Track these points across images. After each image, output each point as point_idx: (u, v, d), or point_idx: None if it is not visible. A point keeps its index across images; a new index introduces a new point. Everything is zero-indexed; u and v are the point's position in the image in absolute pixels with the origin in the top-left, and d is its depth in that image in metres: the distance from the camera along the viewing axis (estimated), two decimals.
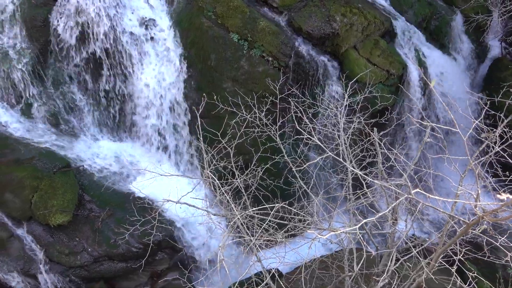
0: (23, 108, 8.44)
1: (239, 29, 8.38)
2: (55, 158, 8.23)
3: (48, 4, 8.13)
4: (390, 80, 8.96)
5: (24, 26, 8.06)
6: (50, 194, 7.90)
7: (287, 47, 8.46)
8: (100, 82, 8.59)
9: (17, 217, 7.92)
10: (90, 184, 8.37)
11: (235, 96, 8.10)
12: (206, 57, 8.48)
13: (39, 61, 8.27)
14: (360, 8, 8.84)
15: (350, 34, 8.73)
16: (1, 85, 8.20)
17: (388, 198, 5.03)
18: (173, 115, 8.64)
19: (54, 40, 8.22)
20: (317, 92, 8.30)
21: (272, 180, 6.44)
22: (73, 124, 8.82)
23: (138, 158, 8.85)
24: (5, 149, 8.00)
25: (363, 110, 6.48)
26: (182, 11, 8.52)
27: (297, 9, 8.76)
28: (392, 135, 8.42)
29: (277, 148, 6.13)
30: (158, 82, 8.46)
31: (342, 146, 5.59)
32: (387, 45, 9.06)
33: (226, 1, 8.39)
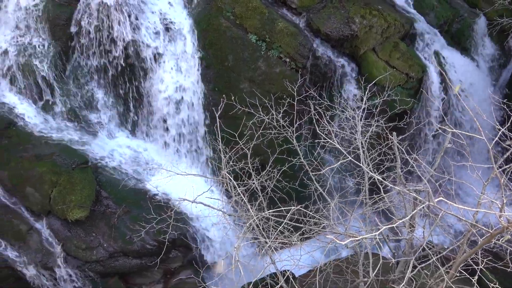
0: (44, 104, 8.62)
1: (258, 30, 8.40)
2: (74, 154, 8.38)
3: (72, 3, 8.29)
4: (409, 83, 8.84)
5: (48, 25, 8.25)
6: (69, 189, 8.06)
7: (305, 49, 8.43)
8: (119, 80, 8.72)
9: (37, 211, 8.10)
10: (107, 180, 8.50)
11: (252, 97, 8.12)
12: (223, 58, 8.52)
13: (61, 58, 8.44)
14: (380, 10, 8.74)
15: (369, 36, 8.64)
16: (25, 81, 8.40)
17: (406, 203, 4.94)
18: (190, 114, 8.70)
19: (76, 38, 8.38)
20: (335, 94, 8.24)
21: (288, 182, 6.42)
22: (91, 121, 8.97)
23: (155, 156, 8.94)
24: (27, 145, 8.18)
25: (381, 114, 6.40)
26: (201, 11, 8.57)
27: (316, 10, 8.72)
28: (410, 139, 8.28)
29: (293, 150, 6.11)
30: (176, 82, 8.53)
31: (360, 149, 5.53)
32: (407, 47, 8.94)
33: (245, 2, 8.41)
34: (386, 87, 7.26)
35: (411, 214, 3.41)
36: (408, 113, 8.26)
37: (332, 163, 7.15)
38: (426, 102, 8.75)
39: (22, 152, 8.14)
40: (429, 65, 8.94)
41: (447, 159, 5.25)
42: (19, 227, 7.98)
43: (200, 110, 8.68)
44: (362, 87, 7.43)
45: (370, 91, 6.34)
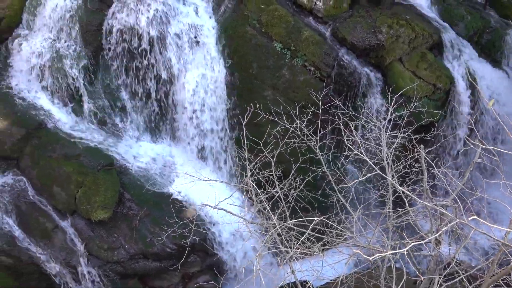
0: (74, 107, 8.89)
1: (283, 38, 8.43)
2: (100, 156, 8.58)
3: (103, 10, 8.56)
4: (436, 94, 8.66)
5: (80, 30, 8.54)
6: (94, 190, 8.25)
7: (330, 58, 8.40)
8: (145, 85, 8.90)
9: (63, 210, 8.32)
10: (130, 182, 8.65)
11: (275, 104, 8.13)
12: (248, 65, 8.59)
13: (91, 63, 8.71)
14: (408, 20, 8.63)
15: (396, 46, 8.54)
16: (56, 84, 8.70)
17: (432, 218, 4.82)
18: (213, 120, 8.79)
19: (106, 43, 8.63)
20: (359, 104, 8.16)
21: (310, 191, 6.37)
22: (118, 124, 9.18)
23: (178, 161, 9.05)
24: (56, 145, 8.44)
25: (407, 125, 6.28)
26: (227, 19, 8.68)
27: (342, 19, 8.69)
28: (436, 152, 8.09)
29: (316, 159, 6.07)
30: (200, 88, 8.65)
31: (385, 161, 5.44)
32: (434, 58, 8.78)
33: (271, 10, 8.47)
34: (413, 98, 7.13)
35: (440, 232, 3.32)
36: (435, 125, 8.08)
37: (355, 174, 7.08)
38: (454, 114, 8.55)
39: (51, 152, 8.40)
40: (458, 77, 8.74)
41: (476, 175, 5.09)
42: (45, 225, 8.22)
43: (223, 116, 8.76)
44: (387, 97, 7.32)
45: (396, 102, 6.25)
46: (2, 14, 8.79)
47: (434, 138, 6.90)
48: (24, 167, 8.45)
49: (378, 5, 8.90)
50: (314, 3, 8.68)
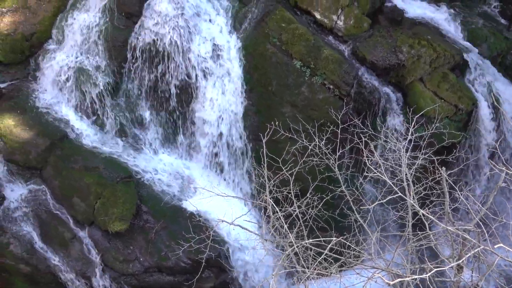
0: (96, 119, 9.12)
1: (303, 56, 8.49)
2: (119, 168, 8.73)
3: (129, 27, 8.84)
4: (458, 115, 8.52)
5: (106, 46, 8.83)
6: (112, 202, 8.37)
7: (350, 76, 8.40)
8: (166, 100, 9.08)
9: (81, 220, 8.45)
10: (148, 195, 8.75)
11: (293, 122, 8.15)
12: (267, 82, 8.67)
13: (115, 77, 8.97)
14: (429, 40, 8.58)
15: (417, 66, 8.48)
16: (80, 97, 8.97)
17: (454, 243, 4.68)
18: (232, 136, 8.85)
19: (130, 58, 8.88)
20: (379, 123, 8.08)
21: (327, 210, 6.30)
22: (138, 137, 9.35)
23: (195, 175, 9.12)
24: (78, 156, 8.64)
25: (428, 146, 6.18)
26: (248, 36, 8.83)
27: (362, 38, 8.72)
28: (458, 174, 7.91)
29: (334, 178, 6.02)
30: (220, 104, 8.75)
31: (405, 182, 5.35)
32: (456, 79, 8.66)
33: (292, 29, 8.57)
34: (434, 119, 7.02)
35: (463, 258, 3.21)
36: (457, 147, 7.91)
37: (373, 194, 6.97)
38: (476, 136, 8.37)
39: (72, 163, 8.61)
40: (480, 98, 8.59)
41: (500, 199, 4.94)
42: (64, 235, 8.35)
43: (242, 132, 8.81)
44: (407, 117, 7.25)
45: (417, 122, 6.17)
46: (34, 29, 9.19)
47: (455, 160, 6.75)
48: (46, 176, 8.66)
49: (399, 25, 8.90)
50: (335, 22, 8.75)
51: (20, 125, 8.66)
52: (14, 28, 9.10)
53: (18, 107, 8.85)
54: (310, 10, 8.82)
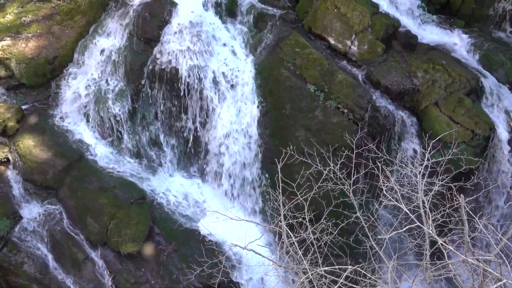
0: (113, 140, 9.28)
1: (317, 80, 8.57)
2: (133, 189, 8.80)
3: (147, 51, 9.10)
4: (475, 140, 8.38)
5: (124, 69, 9.08)
6: (125, 223, 8.40)
7: (364, 100, 8.41)
8: (181, 123, 9.20)
9: (94, 241, 8.48)
10: (160, 217, 8.76)
11: (307, 145, 8.14)
12: (281, 106, 8.73)
13: (132, 99, 9.17)
14: (444, 65, 8.57)
15: (432, 90, 8.45)
16: (98, 118, 9.18)
17: (474, 273, 4.53)
18: (246, 159, 8.88)
19: (147, 82, 9.09)
20: (394, 148, 8.00)
21: (342, 236, 6.19)
22: (152, 159, 9.45)
23: (208, 197, 9.12)
24: (93, 177, 8.76)
25: (445, 172, 6.08)
26: (263, 61, 8.97)
27: (376, 63, 8.76)
28: (476, 201, 7.71)
29: (349, 204, 5.94)
30: (234, 127, 8.83)
31: (421, 209, 5.24)
32: (472, 104, 8.58)
33: (306, 54, 8.68)
34: (450, 144, 6.92)
35: None
36: (475, 173, 7.75)
37: (389, 220, 6.83)
38: (494, 162, 8.19)
39: (88, 183, 8.71)
40: (498, 123, 8.46)
41: None
42: (77, 256, 8.38)
43: (256, 156, 8.83)
44: (423, 142, 7.18)
45: (433, 147, 6.09)
46: (56, 53, 9.53)
47: (473, 187, 6.60)
48: (62, 196, 8.78)
49: (413, 51, 8.94)
50: (349, 47, 8.84)
51: (39, 145, 8.86)
52: (38, 52, 9.45)
53: (38, 128, 9.09)
54: (324, 35, 8.95)
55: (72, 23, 9.65)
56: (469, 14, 9.62)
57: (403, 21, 9.27)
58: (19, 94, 9.62)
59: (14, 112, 9.09)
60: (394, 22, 9.05)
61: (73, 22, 9.66)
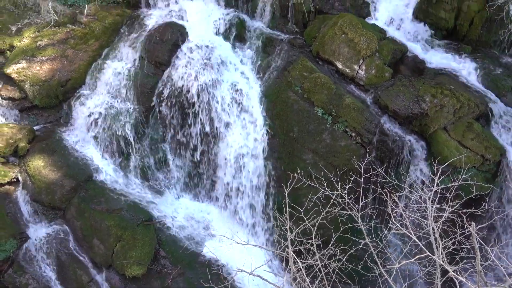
0: (122, 162, 9.35)
1: (324, 104, 8.61)
2: (140, 211, 8.79)
3: (157, 74, 9.28)
4: (485, 165, 8.27)
5: (135, 92, 9.25)
6: (131, 245, 8.34)
7: (372, 124, 8.40)
8: (189, 145, 9.26)
9: (99, 263, 8.41)
10: (166, 240, 8.69)
11: (315, 168, 8.10)
12: (289, 129, 8.76)
13: (142, 121, 9.28)
14: (452, 90, 8.57)
15: (440, 115, 8.42)
16: (108, 140, 9.28)
17: None
18: (252, 182, 8.85)
19: (157, 104, 9.23)
20: (403, 173, 7.92)
21: (350, 262, 6.06)
22: (160, 181, 9.47)
23: (214, 220, 9.06)
24: (101, 198, 8.79)
25: (455, 198, 5.97)
26: (271, 84, 9.07)
27: (384, 87, 8.80)
28: (488, 228, 7.54)
29: (357, 229, 5.84)
30: (242, 150, 8.85)
31: (432, 236, 5.13)
32: (482, 128, 8.52)
33: (314, 78, 8.77)
34: (460, 169, 6.84)
35: None
36: (486, 199, 7.61)
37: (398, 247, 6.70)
38: (506, 188, 8.04)
39: (95, 204, 8.73)
40: (509, 148, 8.36)
41: None
42: (82, 278, 8.31)
43: (263, 179, 8.80)
44: (432, 166, 7.09)
45: (442, 172, 6.02)
46: (69, 76, 9.77)
47: (485, 214, 6.47)
48: (69, 217, 8.79)
49: (421, 75, 8.98)
50: (356, 71, 8.91)
51: (49, 166, 8.95)
52: (51, 75, 9.70)
53: (48, 148, 9.21)
54: (332, 60, 9.05)
55: (85, 47, 9.92)
56: (476, 39, 9.69)
57: (411, 46, 9.37)
58: (31, 115, 9.82)
59: (26, 133, 9.25)
60: (401, 47, 9.15)
61: (86, 46, 9.93)
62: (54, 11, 10.13)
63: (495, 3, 8.92)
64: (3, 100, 9.66)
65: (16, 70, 9.63)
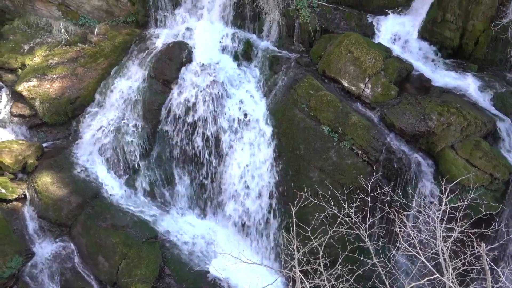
0: (128, 179, 9.39)
1: (331, 122, 8.63)
2: (146, 228, 8.76)
3: (165, 92, 9.40)
4: (494, 184, 8.17)
5: (143, 109, 9.36)
6: (136, 262, 8.29)
7: (378, 142, 8.38)
8: (195, 162, 9.29)
9: (104, 280, 8.35)
10: (171, 257, 8.63)
11: (321, 186, 8.05)
12: (295, 147, 8.76)
13: (148, 139, 9.36)
14: (459, 108, 8.55)
15: (447, 133, 8.39)
16: (115, 157, 9.35)
17: None
18: (258, 200, 8.81)
19: (164, 121, 9.31)
20: (410, 192, 7.85)
21: (358, 282, 5.96)
22: (166, 198, 9.47)
23: (221, 239, 8.99)
24: (107, 214, 8.79)
25: (464, 217, 5.89)
26: (278, 102, 9.14)
27: (390, 105, 8.81)
28: (498, 249, 7.39)
29: (365, 249, 5.77)
30: (248, 168, 8.85)
31: (441, 256, 5.05)
32: (490, 147, 8.45)
33: (320, 96, 8.82)
34: (468, 188, 6.75)
35: None
36: (496, 219, 7.49)
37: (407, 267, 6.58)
38: None
39: (101, 221, 8.73)
40: None
41: None
42: None
43: (270, 197, 8.76)
44: (440, 185, 7.02)
45: (450, 191, 5.95)
46: (78, 93, 9.93)
47: (495, 234, 6.35)
48: (75, 234, 8.78)
49: (427, 93, 8.99)
50: (362, 90, 8.95)
51: (56, 182, 9.01)
52: (61, 92, 9.87)
53: (56, 165, 9.30)
54: (338, 78, 9.12)
55: (95, 65, 10.12)
56: (482, 58, 9.72)
57: (416, 65, 9.42)
58: (40, 132, 9.96)
59: (35, 150, 9.36)
60: (407, 66, 9.20)
61: (96, 64, 10.13)
62: (65, 31, 10.39)
63: (500, 23, 8.99)
64: (14, 117, 9.82)
65: (27, 88, 9.81)
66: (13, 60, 10.17)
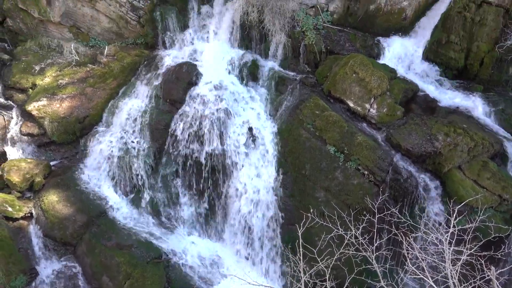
0: (134, 197, 9.40)
1: (336, 142, 8.64)
2: (151, 248, 8.71)
3: (172, 112, 9.51)
4: (503, 206, 8.06)
5: (149, 129, 9.45)
6: (140, 283, 8.21)
7: (385, 162, 8.36)
8: (201, 182, 9.29)
9: None
10: (176, 278, 8.54)
11: (327, 206, 7.99)
12: (301, 166, 8.76)
13: (155, 158, 9.42)
14: (466, 129, 8.54)
15: (454, 154, 8.35)
16: (121, 176, 9.39)
17: None
18: (264, 220, 8.75)
19: (170, 141, 9.38)
20: (417, 213, 7.76)
21: None
22: (171, 217, 9.44)
23: (225, 259, 8.90)
24: (112, 234, 8.77)
25: (473, 240, 5.79)
26: (283, 122, 9.19)
27: (396, 126, 8.82)
28: (509, 272, 7.22)
29: (372, 271, 5.66)
30: (254, 187, 8.84)
31: (450, 280, 4.94)
32: (498, 167, 8.38)
33: (326, 116, 8.86)
34: (477, 209, 6.65)
35: None
36: (506, 242, 7.34)
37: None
38: None
39: (106, 240, 8.70)
40: None
41: None
42: None
43: (275, 217, 8.71)
44: (447, 206, 6.93)
45: (458, 213, 5.87)
46: (87, 113, 10.07)
47: (505, 257, 6.22)
48: (80, 253, 8.75)
49: (433, 114, 9.00)
50: (368, 110, 8.99)
51: (62, 201, 9.04)
52: (70, 112, 10.02)
53: (63, 183, 9.35)
54: (343, 98, 9.18)
55: (104, 85, 10.30)
56: (487, 79, 9.76)
57: (422, 85, 9.47)
58: (48, 151, 10.06)
59: (43, 168, 9.44)
60: (412, 86, 9.25)
61: (105, 84, 10.31)
62: (76, 52, 10.64)
63: (504, 44, 9.06)
64: (23, 135, 9.96)
65: (37, 107, 9.98)
66: (24, 80, 10.40)
